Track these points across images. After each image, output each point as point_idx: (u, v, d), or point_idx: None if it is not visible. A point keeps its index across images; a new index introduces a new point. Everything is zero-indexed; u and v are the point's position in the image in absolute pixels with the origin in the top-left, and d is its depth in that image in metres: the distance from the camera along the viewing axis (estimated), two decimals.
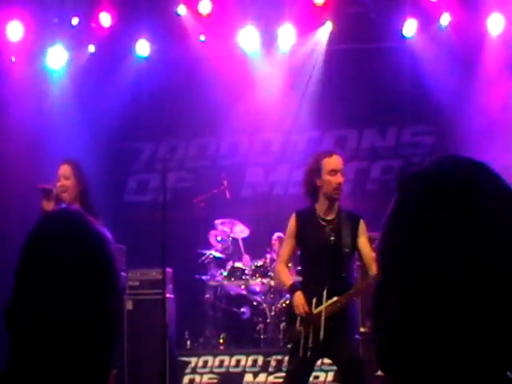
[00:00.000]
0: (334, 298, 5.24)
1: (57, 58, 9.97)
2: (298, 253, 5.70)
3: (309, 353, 5.24)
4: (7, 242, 7.81)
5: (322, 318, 5.21)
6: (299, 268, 6.22)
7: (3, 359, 1.47)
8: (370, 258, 5.24)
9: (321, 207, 5.42)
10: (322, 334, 5.19)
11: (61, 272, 1.40)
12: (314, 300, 5.27)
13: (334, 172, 5.32)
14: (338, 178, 5.34)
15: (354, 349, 5.51)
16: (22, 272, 1.44)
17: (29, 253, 1.45)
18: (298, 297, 5.31)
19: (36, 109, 9.87)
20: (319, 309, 5.25)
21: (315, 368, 7.29)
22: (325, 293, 5.23)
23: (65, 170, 5.67)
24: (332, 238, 5.34)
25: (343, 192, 5.54)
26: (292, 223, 5.49)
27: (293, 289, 5.40)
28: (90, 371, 1.41)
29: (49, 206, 5.55)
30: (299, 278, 5.93)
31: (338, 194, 5.39)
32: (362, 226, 5.38)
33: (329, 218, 5.41)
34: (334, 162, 5.37)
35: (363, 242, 5.36)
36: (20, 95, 9.68)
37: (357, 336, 7.39)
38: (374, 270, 5.13)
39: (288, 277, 5.59)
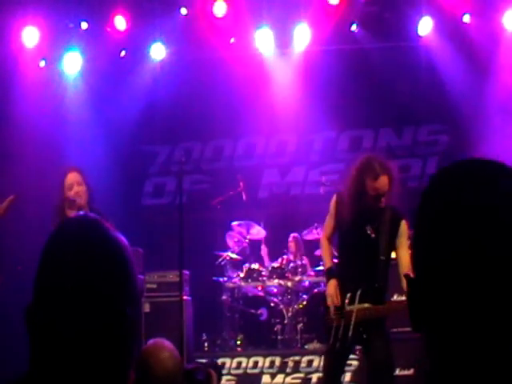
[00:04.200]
0: (366, 305, 5.15)
1: (72, 62, 10.01)
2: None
3: (338, 344, 5.20)
4: (24, 246, 7.85)
5: (353, 319, 5.14)
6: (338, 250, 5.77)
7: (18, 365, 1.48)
8: (405, 264, 5.05)
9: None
10: (350, 333, 5.14)
11: (79, 278, 1.41)
12: (348, 295, 5.20)
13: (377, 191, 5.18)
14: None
15: (384, 347, 5.23)
16: (40, 278, 1.45)
17: (48, 259, 1.46)
18: (332, 287, 5.26)
19: (52, 114, 9.90)
20: (351, 307, 5.18)
21: None
22: (358, 293, 5.15)
23: (76, 177, 5.86)
24: (373, 236, 5.20)
25: None
26: (333, 204, 5.39)
27: (329, 274, 5.37)
28: (109, 375, 1.41)
29: (73, 214, 5.67)
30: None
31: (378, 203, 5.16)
32: (402, 227, 5.17)
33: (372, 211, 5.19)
34: (381, 183, 5.21)
35: (400, 245, 5.17)
36: (36, 100, 9.72)
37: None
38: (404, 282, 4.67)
39: (328, 257, 5.50)
